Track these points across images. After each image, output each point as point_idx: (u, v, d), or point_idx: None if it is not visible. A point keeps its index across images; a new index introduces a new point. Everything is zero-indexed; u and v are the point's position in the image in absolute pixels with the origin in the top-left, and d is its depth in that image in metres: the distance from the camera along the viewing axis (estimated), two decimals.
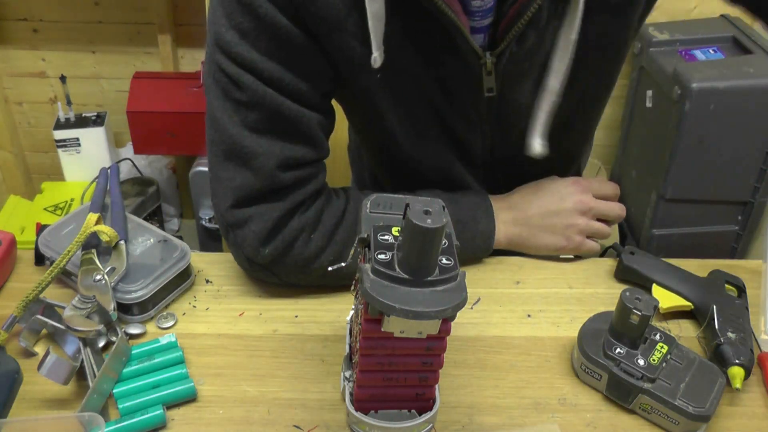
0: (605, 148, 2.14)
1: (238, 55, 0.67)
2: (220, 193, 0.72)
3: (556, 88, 0.73)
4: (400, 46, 0.69)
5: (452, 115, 0.78)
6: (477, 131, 0.81)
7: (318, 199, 0.75)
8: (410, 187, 0.83)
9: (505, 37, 0.69)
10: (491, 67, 0.72)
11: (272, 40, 0.67)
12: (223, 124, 0.70)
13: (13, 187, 2.19)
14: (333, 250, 0.74)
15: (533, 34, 0.70)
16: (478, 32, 0.71)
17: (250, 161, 0.70)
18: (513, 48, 0.71)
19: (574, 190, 0.82)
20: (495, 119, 0.79)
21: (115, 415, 0.63)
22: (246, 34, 0.66)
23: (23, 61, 2.04)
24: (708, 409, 0.61)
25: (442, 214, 0.48)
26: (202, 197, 2.00)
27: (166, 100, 1.87)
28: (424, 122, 0.79)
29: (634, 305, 0.63)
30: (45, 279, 0.70)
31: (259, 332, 0.73)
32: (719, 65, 1.64)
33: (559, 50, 0.71)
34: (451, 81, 0.74)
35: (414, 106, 0.77)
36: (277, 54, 0.67)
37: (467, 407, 0.65)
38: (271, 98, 0.68)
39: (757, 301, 0.76)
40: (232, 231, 0.73)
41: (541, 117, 0.75)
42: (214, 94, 0.70)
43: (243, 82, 0.68)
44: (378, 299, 0.48)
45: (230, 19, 0.66)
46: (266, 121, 0.69)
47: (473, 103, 0.77)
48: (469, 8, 0.68)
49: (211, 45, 0.69)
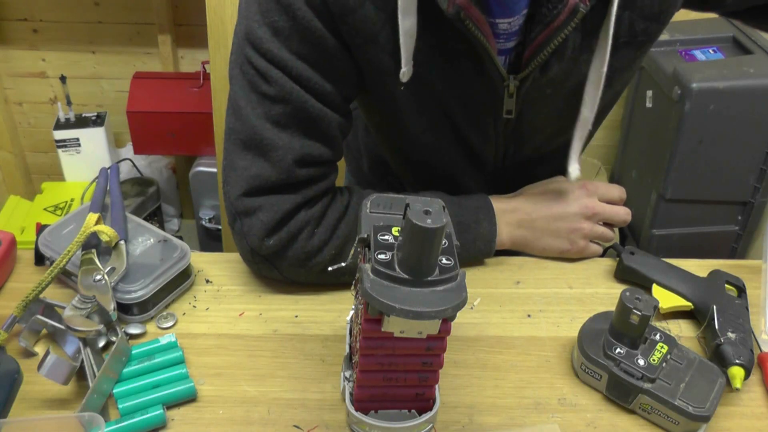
0: (605, 148, 2.14)
1: (268, 51, 0.68)
2: (233, 181, 0.73)
3: (589, 119, 0.75)
4: (427, 62, 0.71)
5: (469, 129, 0.80)
6: (492, 145, 0.82)
7: (326, 196, 0.76)
8: (419, 182, 0.85)
9: (531, 62, 0.71)
10: (514, 90, 0.73)
11: (304, 42, 0.68)
12: (246, 114, 0.71)
13: (13, 187, 2.19)
14: (334, 244, 0.74)
15: (557, 63, 0.72)
16: (501, 54, 0.72)
17: (269, 153, 0.71)
18: (536, 74, 0.72)
19: (580, 194, 0.82)
20: (511, 136, 0.81)
21: (115, 415, 0.63)
22: (279, 32, 0.67)
23: (23, 61, 2.04)
24: (708, 409, 0.61)
25: (442, 214, 0.48)
26: (202, 197, 2.00)
27: (166, 100, 1.87)
28: (442, 132, 0.81)
29: (634, 305, 0.63)
30: (45, 279, 0.70)
31: (259, 332, 0.73)
32: (719, 65, 1.64)
33: (590, 83, 0.72)
34: (472, 99, 0.76)
35: (434, 117, 0.79)
36: (307, 55, 0.69)
37: (467, 407, 0.65)
38: (297, 95, 0.69)
39: (757, 301, 0.76)
40: (240, 219, 0.73)
41: (577, 145, 0.77)
42: (239, 84, 0.71)
43: (271, 76, 0.69)
44: (378, 299, 0.48)
45: (265, 16, 0.67)
46: (289, 116, 0.70)
47: (492, 122, 0.79)
48: (495, 30, 0.69)
49: (241, 38, 0.70)
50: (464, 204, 0.80)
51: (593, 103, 0.73)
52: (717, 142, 1.62)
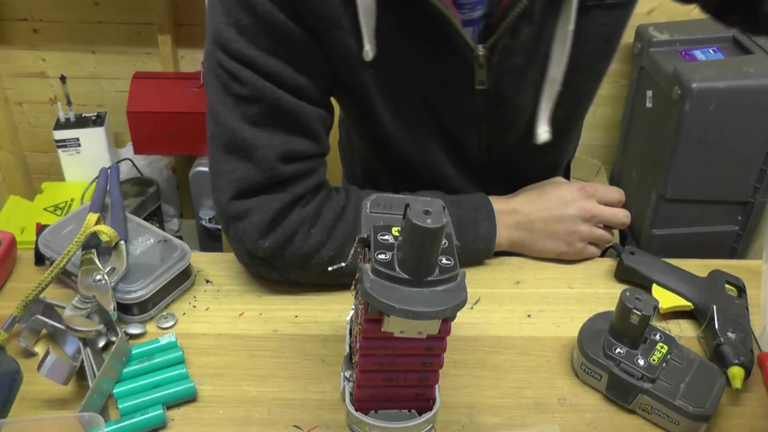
0: (605, 148, 2.14)
1: (236, 52, 0.68)
2: (220, 186, 0.73)
3: (557, 77, 0.73)
4: (393, 41, 0.70)
5: (446, 110, 0.78)
6: (472, 129, 0.81)
7: (318, 194, 0.75)
8: (404, 185, 0.84)
9: (498, 28, 0.70)
10: (483, 60, 0.72)
11: (271, 37, 0.67)
12: (223, 118, 0.71)
13: (13, 187, 2.19)
14: (333, 246, 0.74)
15: (527, 27, 0.71)
16: (469, 25, 0.71)
17: (250, 153, 0.70)
18: (506, 41, 0.71)
19: (579, 196, 0.82)
20: (493, 117, 0.79)
21: (115, 415, 0.63)
22: (244, 31, 0.67)
23: (23, 61, 2.04)
24: (708, 409, 0.61)
25: (442, 214, 0.48)
26: (202, 197, 2.00)
27: (166, 100, 1.87)
28: (418, 119, 0.79)
29: (634, 305, 0.63)
30: (45, 279, 0.70)
31: (259, 332, 0.73)
32: (719, 65, 1.64)
33: (557, 41, 0.71)
34: (443, 75, 0.75)
35: (407, 101, 0.77)
36: (275, 50, 0.68)
37: (467, 407, 0.65)
38: (270, 92, 0.69)
39: (757, 301, 0.76)
40: (233, 224, 0.73)
41: (545, 105, 0.75)
42: (214, 89, 0.71)
43: (242, 76, 0.68)
44: (378, 299, 0.48)
45: (229, 16, 0.67)
46: (266, 114, 0.70)
47: (466, 97, 0.77)
48: (458, 0, 0.68)
49: (210, 42, 0.70)
50: (464, 204, 0.80)
51: (559, 61, 0.72)
52: (717, 142, 1.62)
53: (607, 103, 2.06)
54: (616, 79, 2.01)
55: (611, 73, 1.97)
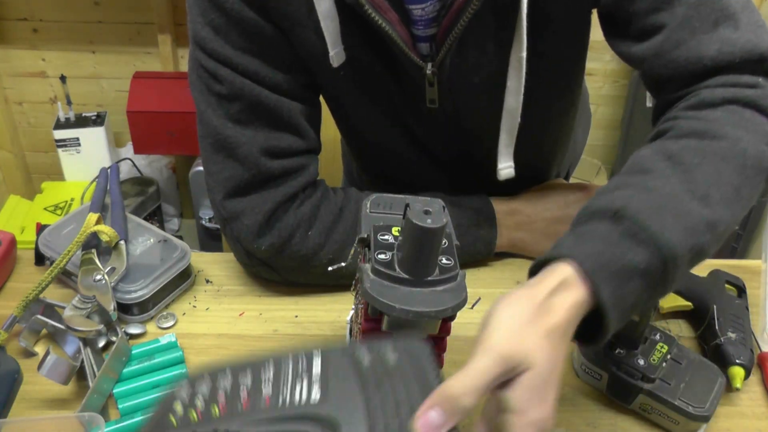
0: (605, 148, 2.14)
1: (213, 51, 0.68)
2: (212, 186, 0.73)
3: (513, 107, 0.70)
4: (359, 45, 0.69)
5: (410, 117, 0.77)
6: (437, 139, 0.79)
7: (313, 194, 0.75)
8: (384, 182, 0.83)
9: (441, 47, 0.68)
10: (432, 78, 0.70)
11: (243, 34, 0.68)
12: (207, 118, 0.71)
13: (13, 187, 2.19)
14: (331, 248, 0.74)
15: (474, 46, 0.68)
16: (423, 41, 0.69)
17: (235, 151, 0.70)
18: (455, 60, 0.69)
19: (580, 197, 0.82)
20: (457, 134, 0.78)
21: (115, 415, 0.63)
22: (218, 30, 0.67)
23: (23, 61, 2.04)
24: (708, 409, 0.61)
25: (442, 214, 0.48)
26: (202, 197, 2.00)
27: (166, 100, 1.87)
28: (387, 120, 0.78)
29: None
30: (45, 279, 0.70)
31: (259, 332, 0.73)
32: None
33: (512, 69, 0.68)
34: (401, 88, 0.74)
35: (376, 103, 0.77)
36: (249, 47, 0.68)
37: None
38: (249, 89, 0.69)
39: (757, 301, 0.76)
40: (228, 224, 0.73)
41: (504, 138, 0.72)
42: (198, 89, 0.71)
43: (221, 75, 0.69)
44: (378, 299, 0.48)
45: (204, 16, 0.67)
46: (247, 111, 0.70)
47: (421, 114, 0.76)
48: (411, 16, 0.67)
49: (191, 43, 0.70)
50: (464, 204, 0.80)
51: (515, 90, 0.69)
52: None
53: (607, 103, 2.06)
54: (616, 79, 2.01)
55: (611, 73, 1.97)
